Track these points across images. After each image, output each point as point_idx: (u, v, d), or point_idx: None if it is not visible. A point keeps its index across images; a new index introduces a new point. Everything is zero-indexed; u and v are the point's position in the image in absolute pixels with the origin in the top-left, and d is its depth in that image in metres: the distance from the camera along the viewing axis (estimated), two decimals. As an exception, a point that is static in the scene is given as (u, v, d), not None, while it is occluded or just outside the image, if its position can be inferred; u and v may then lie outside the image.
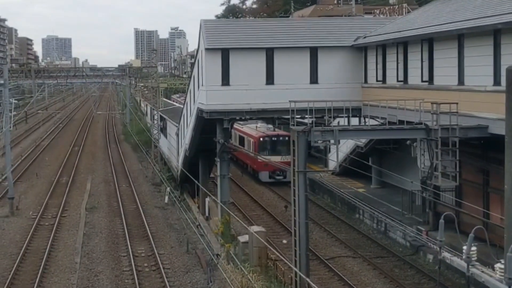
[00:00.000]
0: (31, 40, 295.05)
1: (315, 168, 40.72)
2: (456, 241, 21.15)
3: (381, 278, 25.94)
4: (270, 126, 47.13)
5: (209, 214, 35.53)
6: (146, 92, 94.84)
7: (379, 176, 36.92)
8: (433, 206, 28.42)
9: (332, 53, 29.70)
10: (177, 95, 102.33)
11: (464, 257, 17.33)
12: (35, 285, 25.93)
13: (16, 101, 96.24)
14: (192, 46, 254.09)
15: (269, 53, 29.48)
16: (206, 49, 29.31)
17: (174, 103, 74.94)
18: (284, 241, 30.95)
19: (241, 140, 53.65)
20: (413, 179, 28.27)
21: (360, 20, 38.94)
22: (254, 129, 50.53)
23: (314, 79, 29.62)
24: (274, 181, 45.66)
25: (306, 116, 27.75)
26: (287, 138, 42.61)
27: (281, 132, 47.90)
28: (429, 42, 24.41)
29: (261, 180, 46.42)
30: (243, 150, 48.07)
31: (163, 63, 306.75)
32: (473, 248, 17.13)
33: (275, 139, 47.27)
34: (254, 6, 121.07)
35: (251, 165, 49.68)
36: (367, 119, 27.49)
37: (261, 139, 47.31)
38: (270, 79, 29.47)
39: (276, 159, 42.77)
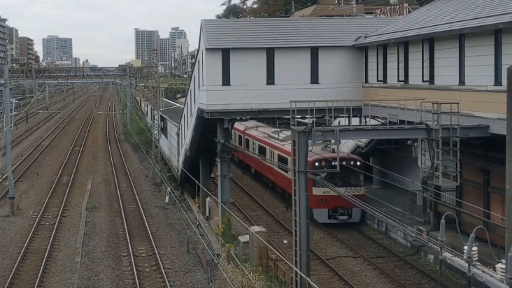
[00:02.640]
0: (31, 40, 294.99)
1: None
2: (457, 241, 21.16)
3: (381, 278, 25.92)
4: (323, 144, 34.72)
5: (209, 214, 35.51)
6: (147, 92, 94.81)
7: (380, 176, 36.89)
8: (434, 206, 28.42)
9: (333, 53, 29.67)
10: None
11: (465, 257, 17.30)
12: (36, 285, 25.93)
13: (16, 101, 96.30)
14: (192, 46, 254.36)
15: (270, 53, 29.45)
16: (207, 49, 29.29)
17: (176, 104, 74.82)
18: (285, 241, 30.93)
19: (262, 151, 44.07)
20: (414, 179, 28.23)
21: (361, 20, 38.86)
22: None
23: (314, 79, 29.59)
24: (337, 222, 33.56)
25: (307, 116, 27.75)
26: (352, 163, 32.97)
27: (343, 153, 34.50)
28: (430, 42, 24.38)
29: (316, 220, 33.40)
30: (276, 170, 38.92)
31: (163, 63, 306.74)
32: (474, 248, 17.10)
33: (335, 163, 31.16)
34: (255, 6, 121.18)
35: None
36: (367, 119, 27.46)
37: (316, 163, 33.18)
38: (270, 79, 29.44)
39: (339, 191, 31.20)
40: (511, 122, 17.09)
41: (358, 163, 33.41)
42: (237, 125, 49.72)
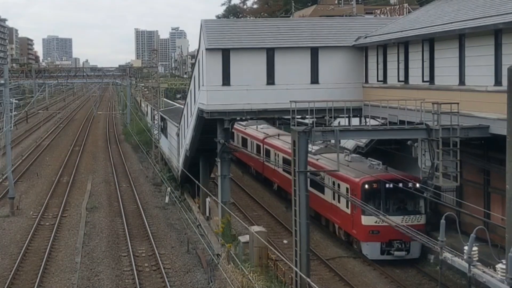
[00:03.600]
0: (31, 40, 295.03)
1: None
2: (457, 242, 21.12)
3: (382, 279, 25.91)
4: (374, 162, 29.68)
5: (209, 214, 35.51)
6: (147, 92, 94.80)
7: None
8: (434, 206, 28.39)
9: (333, 53, 29.66)
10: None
11: (465, 257, 17.30)
12: (36, 285, 25.94)
13: (16, 101, 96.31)
14: (192, 46, 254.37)
15: (270, 53, 29.44)
16: (207, 49, 29.29)
17: (176, 104, 74.76)
18: (285, 241, 30.93)
19: (285, 161, 36.08)
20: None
21: (361, 20, 38.85)
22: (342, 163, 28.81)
23: (314, 79, 29.58)
24: (392, 258, 27.24)
25: (307, 116, 27.73)
26: (411, 184, 26.84)
27: (396, 173, 28.13)
28: (430, 42, 24.37)
29: (365, 255, 27.77)
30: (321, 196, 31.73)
31: (163, 63, 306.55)
32: (474, 249, 17.10)
33: (390, 186, 27.25)
34: (255, 6, 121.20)
35: (342, 226, 29.90)
36: (367, 119, 27.45)
37: (366, 185, 27.48)
38: (270, 79, 29.43)
39: (395, 220, 25.58)
40: (511, 122, 17.08)
41: (417, 184, 26.47)
42: (254, 132, 47.59)
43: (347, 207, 28.62)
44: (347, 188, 28.53)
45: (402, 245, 27.03)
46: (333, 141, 28.92)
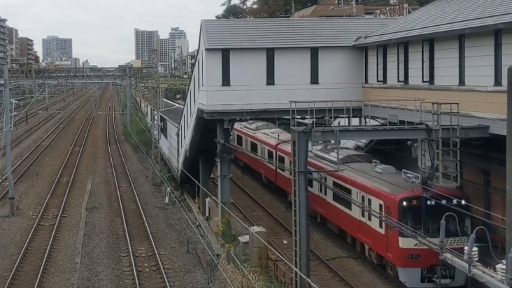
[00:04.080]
0: (31, 41, 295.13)
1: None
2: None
3: (382, 279, 25.87)
4: (411, 175, 24.93)
5: (209, 214, 35.50)
6: (147, 92, 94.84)
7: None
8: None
9: (333, 53, 29.66)
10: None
11: (465, 257, 17.31)
12: (35, 285, 25.93)
13: (16, 101, 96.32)
14: (192, 47, 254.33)
15: (270, 53, 29.44)
16: (207, 49, 29.28)
17: (175, 104, 74.70)
18: (285, 242, 30.90)
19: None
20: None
21: (361, 20, 38.83)
22: (368, 175, 26.87)
23: (314, 79, 29.58)
24: (435, 287, 23.32)
25: (307, 116, 27.72)
26: (455, 201, 22.91)
27: (437, 188, 23.05)
28: (430, 42, 24.37)
29: (403, 282, 24.17)
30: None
31: (163, 63, 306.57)
32: (475, 249, 17.11)
33: (432, 203, 23.31)
34: (255, 6, 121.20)
35: (372, 245, 26.44)
36: (367, 120, 27.44)
37: (404, 202, 23.91)
38: (270, 80, 29.43)
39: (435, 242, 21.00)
40: (511, 123, 17.06)
41: (463, 201, 23.27)
42: (265, 137, 44.14)
43: (381, 226, 24.94)
44: (380, 205, 24.85)
45: (446, 271, 22.88)
46: (333, 141, 28.92)
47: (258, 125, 47.86)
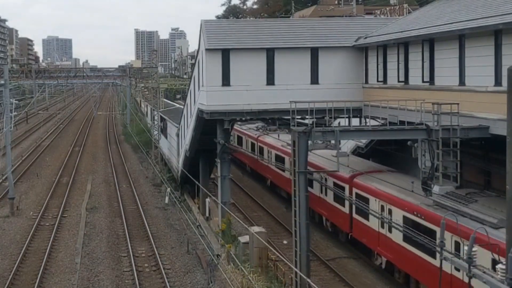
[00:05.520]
0: (31, 41, 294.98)
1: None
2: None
3: (382, 279, 25.88)
4: None
5: (209, 214, 35.50)
6: (147, 92, 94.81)
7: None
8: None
9: (333, 53, 29.65)
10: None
11: (465, 257, 17.27)
12: (36, 285, 25.94)
13: (16, 102, 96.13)
14: (192, 47, 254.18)
15: (270, 53, 29.43)
16: (207, 50, 29.27)
17: (175, 104, 74.67)
18: (285, 242, 30.91)
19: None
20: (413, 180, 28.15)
21: (361, 21, 38.82)
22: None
23: (314, 80, 29.57)
24: None
25: (307, 116, 27.71)
26: None
27: None
28: (430, 42, 24.36)
29: None
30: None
31: (163, 63, 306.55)
32: (475, 249, 17.07)
33: None
34: (255, 6, 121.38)
35: None
36: (368, 120, 27.43)
37: None
38: (270, 80, 29.42)
39: None
40: (511, 123, 17.04)
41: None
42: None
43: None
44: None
45: None
46: (333, 141, 28.90)
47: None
